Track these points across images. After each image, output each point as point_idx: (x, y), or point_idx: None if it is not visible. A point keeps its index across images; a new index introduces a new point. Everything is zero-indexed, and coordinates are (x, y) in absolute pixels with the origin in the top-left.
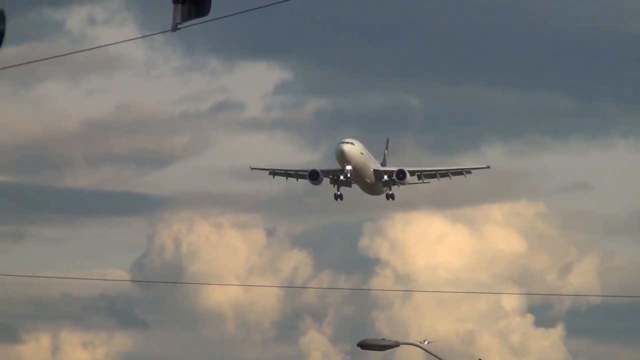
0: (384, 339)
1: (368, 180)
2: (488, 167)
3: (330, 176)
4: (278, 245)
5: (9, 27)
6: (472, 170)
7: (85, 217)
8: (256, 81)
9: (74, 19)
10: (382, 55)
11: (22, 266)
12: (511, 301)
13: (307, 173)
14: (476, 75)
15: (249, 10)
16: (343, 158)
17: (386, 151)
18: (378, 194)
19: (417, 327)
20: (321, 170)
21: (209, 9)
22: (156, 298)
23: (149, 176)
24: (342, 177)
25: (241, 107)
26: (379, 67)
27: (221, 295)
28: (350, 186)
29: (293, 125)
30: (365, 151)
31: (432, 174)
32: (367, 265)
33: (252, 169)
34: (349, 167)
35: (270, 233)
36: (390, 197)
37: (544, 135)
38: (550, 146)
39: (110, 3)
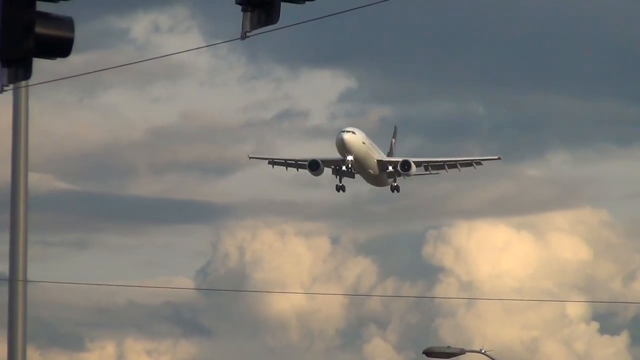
0: (449, 347)
1: (371, 172)
2: (499, 157)
3: (332, 166)
4: (342, 253)
5: (76, 36)
6: (482, 162)
7: (150, 225)
8: (321, 89)
9: (139, 27)
10: (448, 63)
11: (87, 274)
12: (575, 309)
13: (306, 163)
14: (542, 84)
15: (316, 18)
16: (344, 148)
17: (393, 140)
18: (383, 185)
19: (481, 335)
20: (322, 160)
21: (278, 17)
22: (220, 306)
23: (213, 184)
24: (344, 168)
25: (305, 115)
26: (444, 75)
27: (285, 303)
28: (354, 177)
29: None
30: (367, 141)
31: (440, 165)
32: (431, 273)
33: (250, 157)
34: (350, 158)
35: (334, 241)
36: (396, 189)
37: (608, 142)
38: (615, 153)
39: (175, 11)
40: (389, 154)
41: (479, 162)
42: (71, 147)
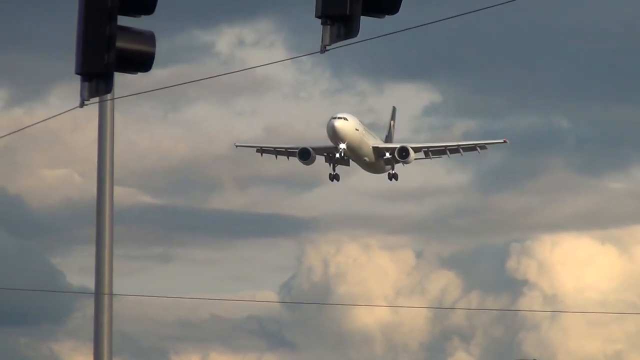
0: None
1: (367, 159)
2: (505, 141)
3: (325, 154)
4: (426, 267)
5: (159, 50)
6: (487, 146)
7: (234, 239)
8: (404, 103)
9: (223, 41)
10: (532, 76)
11: (171, 288)
12: None
13: (297, 151)
14: (626, 97)
15: (398, 31)
16: (335, 136)
17: (392, 122)
18: (380, 172)
19: (565, 349)
20: (313, 148)
21: (358, 31)
22: (304, 319)
23: (298, 198)
24: (337, 156)
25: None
26: (528, 88)
27: (369, 317)
28: (348, 164)
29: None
30: (361, 127)
31: (441, 150)
32: (515, 286)
33: (237, 146)
34: (342, 146)
35: (418, 254)
36: (393, 177)
37: None
38: None
39: (259, 25)
40: (387, 138)
41: (483, 147)
42: (155, 161)
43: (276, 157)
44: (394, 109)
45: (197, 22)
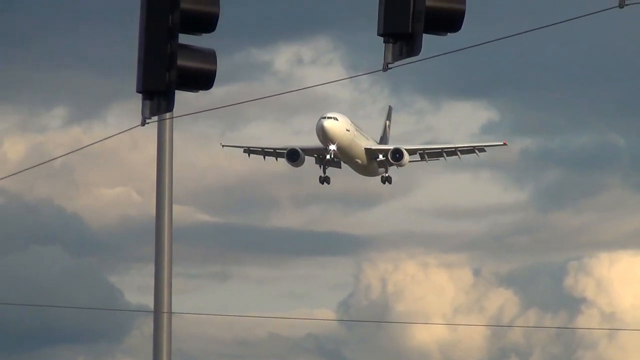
0: None
1: (359, 161)
2: (505, 143)
3: (315, 155)
4: (484, 284)
5: (218, 68)
6: (486, 148)
7: (292, 257)
8: (462, 121)
9: (281, 59)
10: (588, 94)
11: (229, 306)
12: None
13: (285, 152)
14: None
15: (457, 50)
16: (325, 136)
17: (387, 122)
18: (373, 175)
19: None
20: (302, 149)
21: (420, 49)
22: (362, 337)
23: (356, 216)
24: (327, 157)
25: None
26: (585, 106)
27: (427, 335)
28: (340, 167)
29: (498, 164)
30: (352, 127)
31: (437, 153)
32: (573, 304)
33: (223, 146)
34: (332, 147)
35: (476, 272)
36: (387, 180)
37: None
38: None
39: (318, 43)
40: (382, 139)
41: (482, 149)
42: (213, 179)
43: (264, 158)
44: (390, 108)
45: (255, 40)
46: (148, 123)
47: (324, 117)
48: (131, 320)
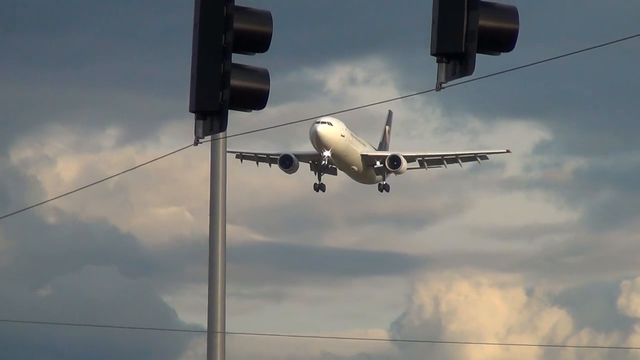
0: None
1: (355, 168)
2: (508, 151)
3: (310, 162)
4: (537, 304)
5: (272, 87)
6: (488, 156)
7: (346, 277)
8: (516, 140)
9: (335, 78)
10: None
11: (283, 326)
12: None
13: (278, 158)
14: None
15: (510, 70)
16: (319, 142)
17: (387, 127)
18: (370, 183)
19: None
20: (296, 155)
21: (473, 69)
22: (416, 357)
23: (409, 236)
24: (323, 163)
25: (501, 166)
26: (639, 126)
27: (480, 354)
28: (336, 174)
29: (552, 184)
30: (347, 132)
31: (437, 160)
32: (626, 323)
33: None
34: (326, 153)
35: (529, 292)
36: (385, 188)
37: None
38: None
39: (371, 63)
40: (381, 146)
41: (484, 157)
42: (267, 200)
43: (257, 164)
44: (390, 112)
45: (308, 60)
46: (201, 142)
47: (318, 122)
48: (185, 340)
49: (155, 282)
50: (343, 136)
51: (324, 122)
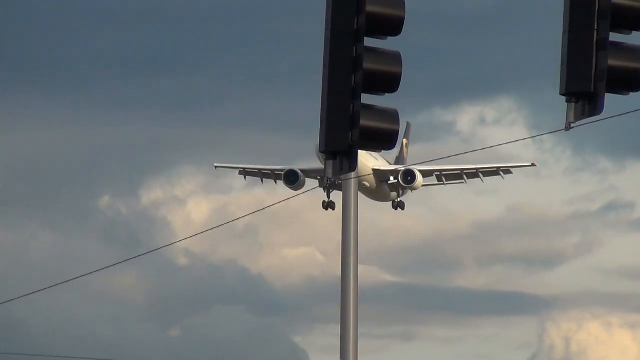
0: None
1: (366, 184)
2: (533, 164)
3: (318, 177)
4: None
5: (403, 128)
6: (512, 170)
7: (475, 317)
8: None
9: (465, 119)
10: None
11: None
12: None
13: (282, 174)
14: None
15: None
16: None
17: (405, 141)
18: (385, 200)
19: None
20: (302, 170)
21: (603, 108)
22: None
23: (539, 276)
24: (331, 179)
25: (631, 206)
26: None
27: None
28: None
29: None
30: None
31: (457, 175)
32: None
33: (216, 167)
34: None
35: None
36: (399, 206)
37: None
38: None
39: (501, 103)
40: (398, 160)
41: (507, 171)
42: (398, 241)
43: (262, 180)
44: (408, 124)
45: (438, 100)
46: (338, 182)
47: None
48: None
49: (285, 322)
50: None
51: None
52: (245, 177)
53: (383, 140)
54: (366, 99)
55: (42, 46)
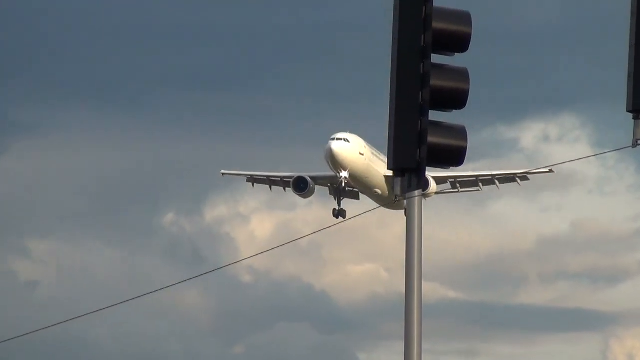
0: None
1: (378, 191)
2: (551, 170)
3: (328, 185)
4: None
5: (470, 144)
6: (529, 176)
7: (539, 334)
8: None
9: (528, 136)
10: None
11: None
12: None
13: (291, 181)
14: None
15: None
16: (334, 162)
17: None
18: (397, 208)
19: None
20: (311, 177)
21: None
22: None
23: (604, 292)
24: (341, 186)
25: None
26: None
27: None
28: (358, 198)
29: None
30: (367, 150)
31: (472, 181)
32: None
33: (223, 174)
34: (344, 174)
35: None
36: None
37: None
38: None
39: (564, 120)
40: None
41: (524, 177)
42: (461, 257)
43: (270, 188)
44: None
45: (502, 117)
46: (397, 200)
47: (333, 139)
48: None
49: (349, 339)
50: (362, 154)
51: (340, 139)
52: (253, 185)
53: (451, 157)
54: (432, 115)
55: (108, 65)
